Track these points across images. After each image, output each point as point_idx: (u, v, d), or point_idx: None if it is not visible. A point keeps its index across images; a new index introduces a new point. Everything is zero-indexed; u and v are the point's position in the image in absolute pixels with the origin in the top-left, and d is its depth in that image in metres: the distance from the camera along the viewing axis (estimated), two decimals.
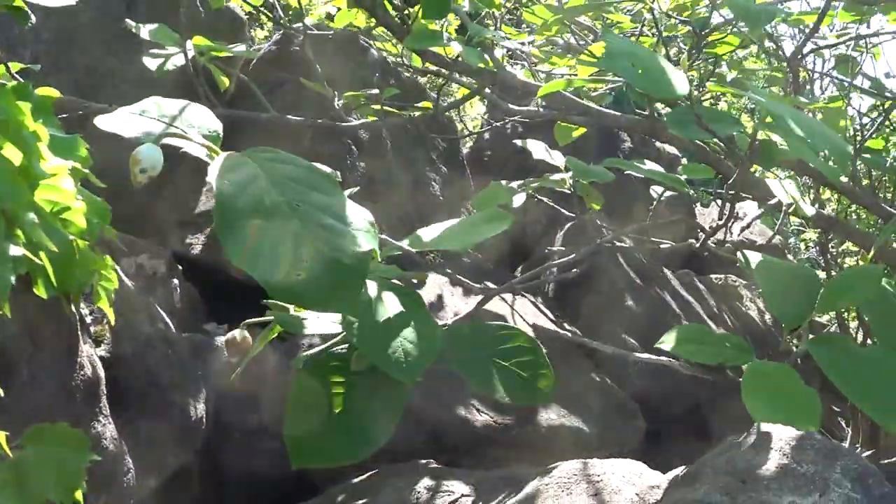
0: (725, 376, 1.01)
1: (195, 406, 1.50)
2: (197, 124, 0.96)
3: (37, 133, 0.85)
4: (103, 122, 0.92)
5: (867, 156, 2.85)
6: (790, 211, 1.94)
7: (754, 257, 1.31)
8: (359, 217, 0.88)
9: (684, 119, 1.16)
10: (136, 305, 1.44)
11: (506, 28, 2.88)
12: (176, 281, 2.34)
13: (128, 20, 1.64)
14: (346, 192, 1.14)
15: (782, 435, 0.99)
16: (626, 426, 2.18)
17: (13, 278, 0.75)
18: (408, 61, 3.12)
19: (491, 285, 2.49)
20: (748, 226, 2.25)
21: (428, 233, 1.24)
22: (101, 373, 1.17)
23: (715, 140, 1.51)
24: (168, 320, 1.58)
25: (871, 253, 1.38)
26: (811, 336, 1.01)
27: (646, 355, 1.25)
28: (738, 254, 1.32)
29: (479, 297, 2.17)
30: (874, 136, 2.63)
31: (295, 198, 0.85)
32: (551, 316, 2.52)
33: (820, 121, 0.98)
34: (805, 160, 1.21)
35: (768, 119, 0.91)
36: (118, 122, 0.93)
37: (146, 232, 2.64)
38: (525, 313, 2.46)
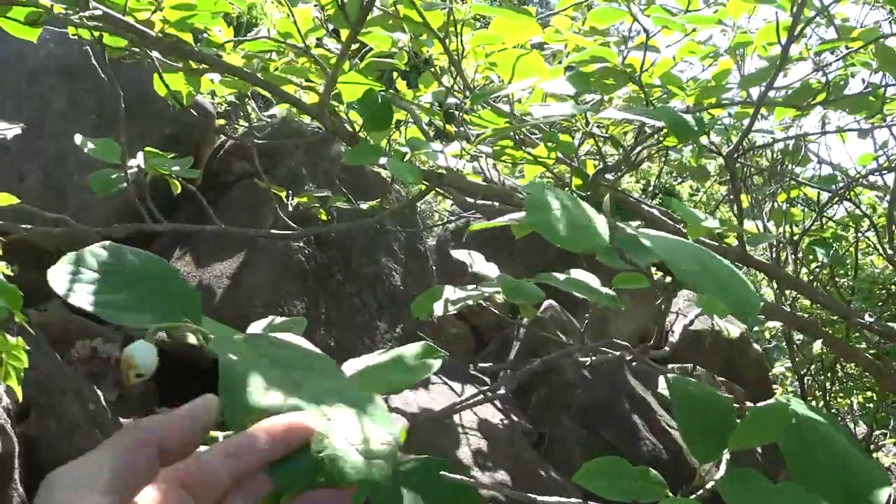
0: None
1: None
2: None
3: None
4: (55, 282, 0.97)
5: (820, 249, 2.97)
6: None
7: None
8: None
9: (610, 251, 1.26)
10: (65, 387, 1.49)
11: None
12: None
13: (77, 135, 1.68)
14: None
15: None
16: None
17: None
18: None
19: (444, 379, 2.55)
20: (691, 323, 2.31)
21: (350, 367, 1.28)
22: (14, 447, 1.22)
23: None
24: (104, 403, 1.62)
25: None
26: (723, 471, 1.06)
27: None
28: (661, 378, 1.37)
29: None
30: (811, 230, 2.74)
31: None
32: (499, 406, 2.57)
33: (729, 267, 1.05)
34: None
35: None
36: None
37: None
38: (477, 408, 2.50)
